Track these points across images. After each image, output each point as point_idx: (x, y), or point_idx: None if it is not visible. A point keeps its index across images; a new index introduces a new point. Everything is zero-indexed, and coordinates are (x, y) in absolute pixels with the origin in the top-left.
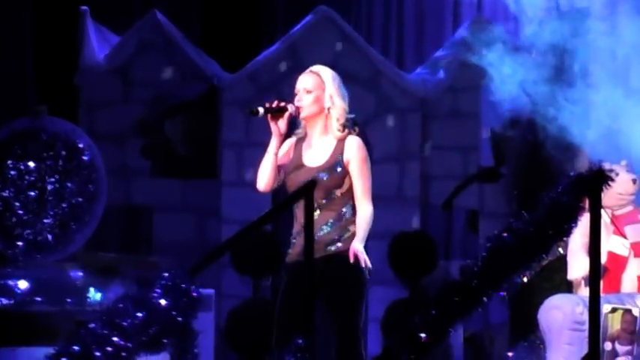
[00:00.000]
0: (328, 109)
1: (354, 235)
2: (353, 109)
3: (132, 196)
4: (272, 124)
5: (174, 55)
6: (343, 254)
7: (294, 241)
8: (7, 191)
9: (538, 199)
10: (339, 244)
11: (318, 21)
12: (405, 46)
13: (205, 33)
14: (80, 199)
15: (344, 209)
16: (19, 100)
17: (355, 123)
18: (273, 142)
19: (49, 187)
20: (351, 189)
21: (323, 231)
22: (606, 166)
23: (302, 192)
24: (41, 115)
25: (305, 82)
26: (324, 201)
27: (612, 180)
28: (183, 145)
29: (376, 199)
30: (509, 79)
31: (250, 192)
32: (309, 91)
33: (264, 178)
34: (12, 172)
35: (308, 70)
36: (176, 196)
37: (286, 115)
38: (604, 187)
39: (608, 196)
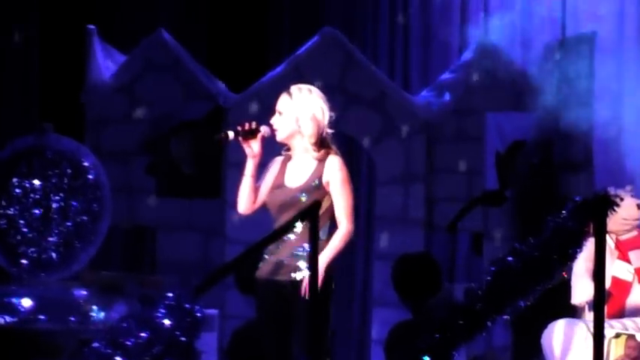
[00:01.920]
0: (299, 129)
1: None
2: (358, 131)
3: (136, 215)
4: (245, 147)
5: (180, 74)
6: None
7: (266, 257)
8: (12, 209)
9: (543, 222)
10: (305, 272)
11: (324, 42)
12: (410, 68)
13: (211, 52)
14: (85, 218)
15: (320, 232)
16: (24, 117)
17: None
18: (249, 164)
19: (54, 206)
20: (327, 212)
21: (293, 255)
22: (611, 191)
23: (307, 213)
24: (47, 133)
25: (279, 102)
26: (300, 224)
27: (617, 205)
28: (188, 165)
29: (381, 220)
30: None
31: (255, 212)
32: (280, 113)
33: (243, 201)
34: (17, 190)
35: (287, 90)
36: (181, 215)
37: (259, 136)
38: (609, 212)
39: (613, 221)
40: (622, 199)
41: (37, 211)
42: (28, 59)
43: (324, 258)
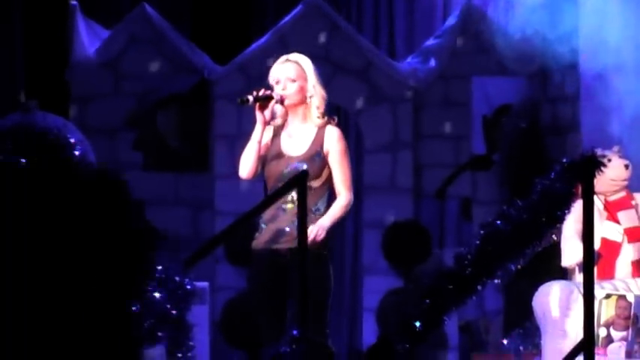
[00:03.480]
0: (310, 97)
1: None
2: (344, 100)
3: None
4: (258, 113)
5: (164, 48)
6: (311, 249)
7: (263, 226)
8: None
9: (531, 185)
10: (308, 239)
11: (308, 12)
12: (395, 36)
13: (195, 26)
14: None
15: (319, 203)
16: (9, 95)
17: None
18: (258, 129)
19: None
20: (327, 181)
21: (294, 224)
22: (598, 152)
23: (295, 182)
24: (32, 110)
25: (287, 71)
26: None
27: (605, 166)
28: (175, 139)
29: (369, 189)
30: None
31: (243, 184)
32: (293, 80)
33: (248, 166)
34: None
35: (285, 59)
36: (169, 189)
37: (272, 103)
38: (597, 173)
39: (601, 182)
40: (610, 160)
41: None
42: (12, 37)
43: (326, 221)
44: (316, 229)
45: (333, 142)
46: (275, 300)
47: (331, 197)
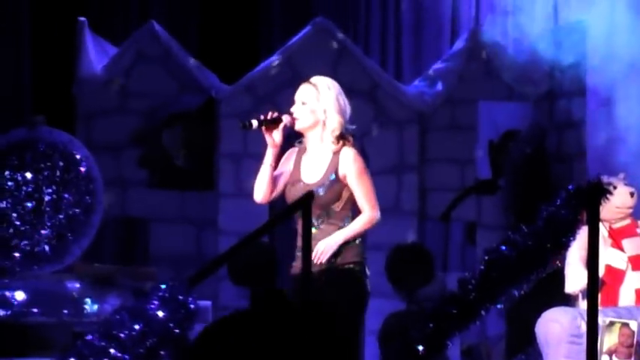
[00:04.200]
0: (323, 121)
1: (353, 248)
2: (350, 122)
3: (129, 207)
4: (267, 136)
5: (171, 66)
6: (342, 267)
7: (298, 254)
8: (4, 202)
9: (536, 211)
10: (338, 258)
11: (316, 32)
12: (403, 58)
13: (203, 44)
14: (77, 210)
15: (344, 223)
16: (16, 110)
17: (352, 135)
18: (269, 153)
19: (47, 198)
20: (349, 202)
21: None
22: (604, 179)
23: (299, 204)
24: (39, 126)
25: (301, 93)
26: (323, 217)
27: (610, 193)
28: (180, 157)
29: None
30: None
31: (248, 203)
32: (304, 103)
33: (261, 190)
34: (9, 183)
35: (308, 81)
36: (173, 207)
37: (281, 126)
38: (602, 201)
39: (606, 210)
40: (615, 187)
41: (29, 204)
42: (20, 52)
43: (339, 237)
44: (321, 248)
45: (349, 164)
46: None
47: (356, 217)
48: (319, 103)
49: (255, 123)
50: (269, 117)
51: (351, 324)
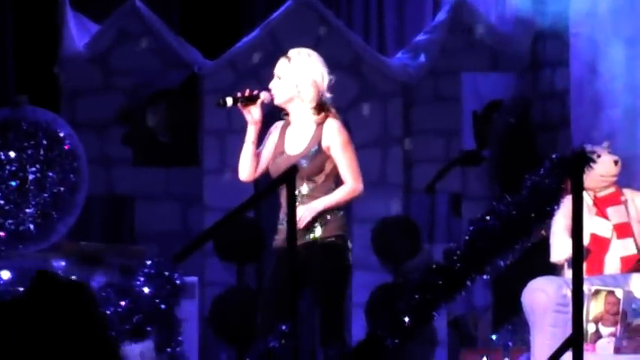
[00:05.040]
0: (299, 94)
1: (336, 220)
2: (335, 95)
3: (114, 185)
4: (245, 113)
5: (154, 43)
6: (324, 241)
7: (280, 227)
8: None
9: (520, 181)
10: (320, 231)
11: (298, 6)
12: (385, 31)
13: (185, 20)
14: (62, 189)
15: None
16: None
17: (333, 106)
18: (251, 130)
19: (31, 177)
20: (332, 173)
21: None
22: (588, 147)
23: (284, 178)
24: (22, 105)
25: (277, 67)
26: (305, 188)
27: (594, 162)
28: (164, 134)
29: None
30: None
31: (232, 179)
32: (279, 77)
33: (246, 169)
34: None
35: (285, 55)
36: (158, 184)
37: (258, 102)
38: (586, 169)
39: (590, 178)
40: (599, 156)
41: (13, 183)
42: (1, 31)
43: (320, 203)
44: (300, 212)
45: (334, 135)
46: (285, 297)
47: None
48: (292, 77)
49: (229, 101)
50: (246, 94)
51: (335, 297)
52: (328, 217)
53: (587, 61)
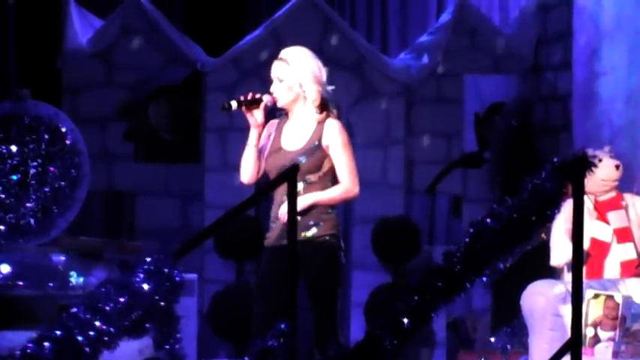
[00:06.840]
0: (303, 94)
1: (330, 220)
2: (337, 95)
3: (115, 181)
4: (248, 116)
5: (157, 39)
6: (319, 239)
7: (272, 225)
8: None
9: (521, 184)
10: (315, 230)
11: (302, 6)
12: (389, 31)
13: (189, 17)
14: (63, 183)
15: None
16: (1, 84)
17: (335, 106)
18: (253, 133)
19: (32, 171)
20: (329, 173)
21: (299, 219)
22: (589, 151)
23: (285, 176)
24: (24, 99)
25: (275, 70)
26: (301, 185)
27: (595, 166)
28: (166, 130)
29: (360, 184)
30: None
31: (233, 177)
32: (280, 80)
33: (247, 172)
34: None
35: (279, 57)
36: (159, 180)
37: (261, 106)
38: (587, 173)
39: (592, 182)
40: (600, 160)
41: (14, 177)
42: (5, 25)
43: (310, 198)
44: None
45: (334, 135)
46: (279, 296)
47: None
48: (294, 78)
49: (234, 104)
50: (249, 97)
51: (329, 295)
52: (323, 216)
53: (589, 64)
